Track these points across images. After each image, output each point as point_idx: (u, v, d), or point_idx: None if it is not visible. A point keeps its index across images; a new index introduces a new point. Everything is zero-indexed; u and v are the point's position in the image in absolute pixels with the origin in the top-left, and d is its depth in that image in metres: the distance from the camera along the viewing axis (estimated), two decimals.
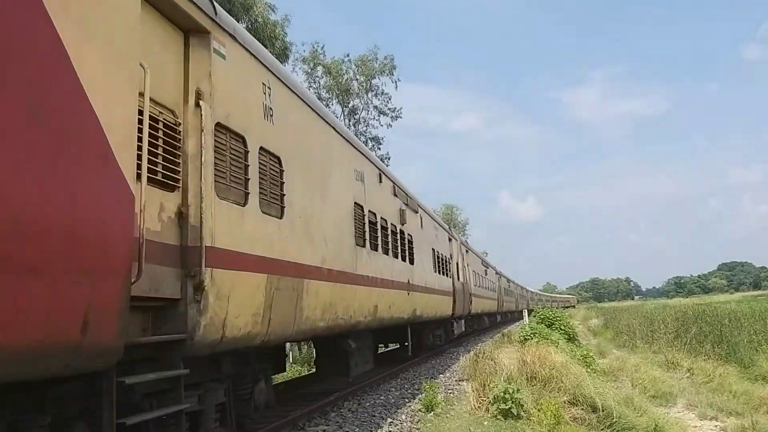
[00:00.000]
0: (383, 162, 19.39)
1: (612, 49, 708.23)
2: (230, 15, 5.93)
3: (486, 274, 30.35)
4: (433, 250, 16.42)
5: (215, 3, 5.41)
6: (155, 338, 4.41)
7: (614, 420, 9.93)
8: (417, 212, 14.74)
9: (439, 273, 17.10)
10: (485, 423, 8.57)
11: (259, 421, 6.92)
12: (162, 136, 4.49)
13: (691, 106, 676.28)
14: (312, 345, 14.29)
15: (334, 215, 8.27)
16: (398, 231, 12.44)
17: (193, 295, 4.62)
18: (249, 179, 5.63)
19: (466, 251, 24.18)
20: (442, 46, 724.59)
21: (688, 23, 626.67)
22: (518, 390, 9.15)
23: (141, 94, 3.86)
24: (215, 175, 5.02)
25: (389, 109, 41.91)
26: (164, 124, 4.55)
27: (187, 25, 4.95)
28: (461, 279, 21.20)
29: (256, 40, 6.55)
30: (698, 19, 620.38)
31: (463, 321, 22.04)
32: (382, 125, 42.91)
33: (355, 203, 9.43)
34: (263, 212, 5.90)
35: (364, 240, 9.69)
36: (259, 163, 5.92)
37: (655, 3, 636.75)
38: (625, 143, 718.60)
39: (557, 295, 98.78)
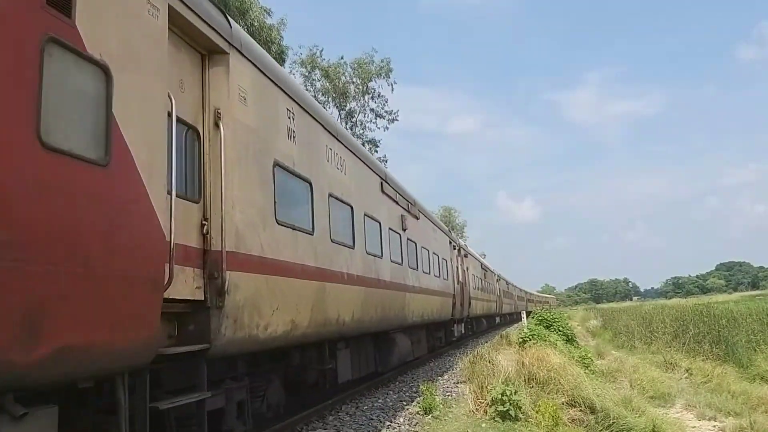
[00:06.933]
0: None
1: (608, 50, 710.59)
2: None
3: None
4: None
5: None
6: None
7: (612, 421, 9.93)
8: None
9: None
10: (483, 425, 8.56)
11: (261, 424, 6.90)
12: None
13: (688, 106, 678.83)
14: None
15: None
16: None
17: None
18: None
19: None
20: (439, 48, 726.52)
21: (684, 24, 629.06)
22: (516, 392, 9.14)
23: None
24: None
25: (386, 111, 42.00)
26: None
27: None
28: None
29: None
30: (693, 19, 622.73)
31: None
32: (378, 128, 43.03)
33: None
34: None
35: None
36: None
37: (651, 3, 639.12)
38: (623, 144, 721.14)
39: (537, 295, 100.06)
